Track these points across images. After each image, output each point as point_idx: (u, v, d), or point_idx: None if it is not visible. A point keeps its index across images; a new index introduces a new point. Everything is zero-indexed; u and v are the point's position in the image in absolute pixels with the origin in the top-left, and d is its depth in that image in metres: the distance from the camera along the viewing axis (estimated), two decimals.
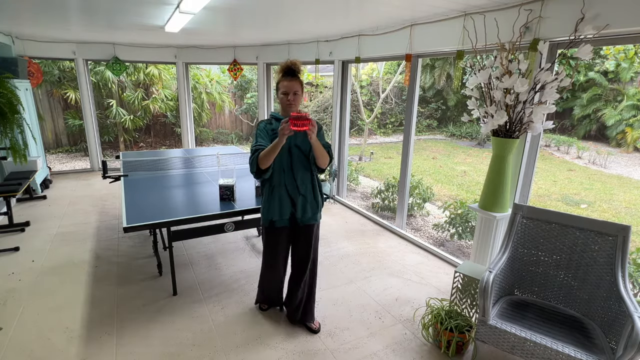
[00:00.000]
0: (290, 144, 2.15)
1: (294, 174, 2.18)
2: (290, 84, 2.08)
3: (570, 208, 6.36)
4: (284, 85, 2.09)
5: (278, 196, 2.19)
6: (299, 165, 2.17)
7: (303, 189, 2.21)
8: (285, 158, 2.16)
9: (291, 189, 2.19)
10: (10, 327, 2.41)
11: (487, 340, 1.97)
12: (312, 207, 2.25)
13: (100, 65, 7.82)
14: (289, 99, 2.09)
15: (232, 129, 10.50)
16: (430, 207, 5.42)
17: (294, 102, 2.11)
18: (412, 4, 2.78)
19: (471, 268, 2.51)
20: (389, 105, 12.81)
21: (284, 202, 2.20)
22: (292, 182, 2.18)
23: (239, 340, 2.34)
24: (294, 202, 2.21)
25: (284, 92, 2.09)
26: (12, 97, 3.57)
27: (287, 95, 2.09)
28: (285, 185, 2.18)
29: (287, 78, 2.09)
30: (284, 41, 5.47)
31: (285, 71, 2.11)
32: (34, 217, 4.24)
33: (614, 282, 1.98)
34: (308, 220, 2.26)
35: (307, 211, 2.24)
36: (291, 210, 2.22)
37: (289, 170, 2.16)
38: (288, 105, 2.11)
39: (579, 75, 10.57)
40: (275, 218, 2.22)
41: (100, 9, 3.21)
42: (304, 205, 2.22)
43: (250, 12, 3.27)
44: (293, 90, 2.09)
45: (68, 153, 8.32)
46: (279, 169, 2.16)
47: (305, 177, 2.21)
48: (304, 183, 2.21)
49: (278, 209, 2.20)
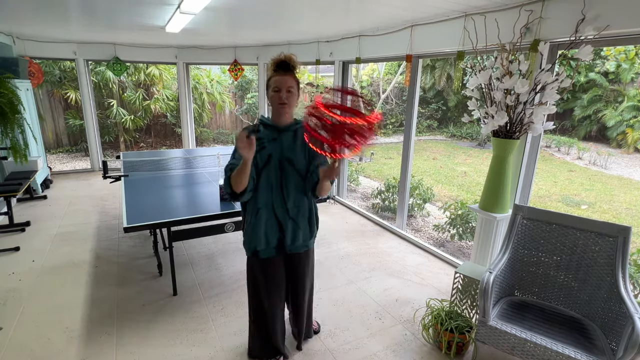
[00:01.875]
0: (281, 157, 1.79)
1: (284, 194, 1.81)
2: (282, 79, 1.70)
3: (570, 209, 6.35)
4: (275, 81, 1.71)
5: (265, 219, 1.81)
6: (291, 184, 1.81)
7: (294, 212, 1.84)
8: (274, 173, 1.79)
9: (280, 212, 1.82)
10: (11, 327, 2.41)
11: (487, 341, 1.97)
12: (305, 233, 1.90)
13: (101, 66, 7.83)
14: (281, 97, 1.71)
15: (233, 129, 10.50)
16: (431, 207, 5.42)
17: (288, 101, 1.73)
18: (413, 4, 2.78)
19: (471, 269, 2.51)
20: (389, 105, 12.82)
21: (271, 227, 1.83)
22: (281, 203, 1.81)
23: (239, 340, 2.34)
24: (282, 228, 1.84)
25: (276, 88, 1.71)
26: (13, 97, 3.57)
27: (280, 92, 1.70)
28: (273, 207, 1.81)
29: (280, 72, 1.73)
30: (285, 42, 5.47)
31: (278, 65, 1.74)
32: (34, 217, 4.24)
33: (614, 283, 1.98)
34: (297, 248, 1.91)
35: (297, 238, 1.88)
36: (279, 236, 1.85)
37: (277, 188, 1.80)
38: (280, 106, 1.73)
39: (580, 76, 10.56)
40: (260, 247, 1.84)
41: (101, 9, 3.21)
42: (294, 230, 1.86)
43: (250, 13, 3.27)
44: (286, 86, 1.70)
45: (68, 153, 8.33)
46: (266, 186, 1.79)
47: (299, 200, 1.85)
48: (296, 206, 1.84)
49: (264, 236, 1.83)
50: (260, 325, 2.03)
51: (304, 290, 2.06)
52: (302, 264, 2.00)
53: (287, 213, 1.83)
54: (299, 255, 1.97)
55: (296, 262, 1.98)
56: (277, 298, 1.98)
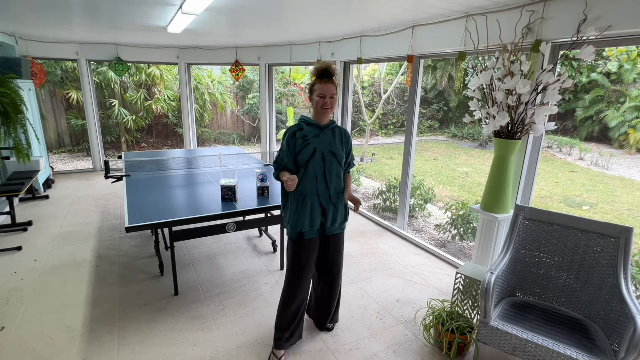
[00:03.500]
0: (325, 151, 2.04)
1: (328, 182, 2.05)
2: (327, 87, 1.96)
3: (572, 210, 6.34)
4: (320, 88, 1.96)
5: (310, 206, 2.04)
6: (333, 172, 2.06)
7: (335, 198, 2.09)
8: (319, 165, 2.02)
9: (324, 199, 2.06)
10: (13, 326, 2.42)
11: (488, 342, 1.97)
12: (342, 216, 2.16)
13: (103, 66, 7.85)
14: (325, 103, 1.97)
15: (234, 129, 10.52)
16: (432, 208, 5.41)
17: (331, 106, 2.00)
18: (415, 5, 2.78)
19: (473, 269, 2.51)
20: (390, 106, 12.81)
21: (316, 212, 2.06)
22: (325, 190, 2.05)
23: (240, 340, 2.34)
24: (325, 212, 2.08)
25: (321, 95, 1.97)
26: (16, 97, 3.58)
27: (324, 99, 1.97)
28: (318, 195, 2.04)
29: (324, 80, 1.97)
30: (286, 42, 5.48)
31: (322, 73, 1.99)
32: (36, 216, 4.26)
33: (616, 284, 1.97)
34: (336, 229, 2.17)
35: (337, 220, 2.14)
36: (322, 220, 2.08)
37: (322, 178, 2.04)
38: (324, 109, 1.99)
39: (582, 76, 10.54)
40: (305, 229, 2.06)
41: (103, 10, 3.22)
42: (334, 214, 2.11)
43: (252, 14, 3.28)
44: (330, 94, 1.97)
45: (71, 153, 8.36)
46: (312, 176, 2.02)
47: (339, 186, 2.10)
48: (337, 192, 2.10)
49: (309, 220, 2.05)
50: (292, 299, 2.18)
51: (339, 268, 2.28)
52: (338, 242, 2.23)
53: (329, 199, 2.09)
54: (335, 236, 2.20)
55: (332, 242, 2.20)
56: (311, 275, 2.21)
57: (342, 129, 2.15)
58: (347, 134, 2.17)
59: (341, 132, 2.13)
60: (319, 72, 1.99)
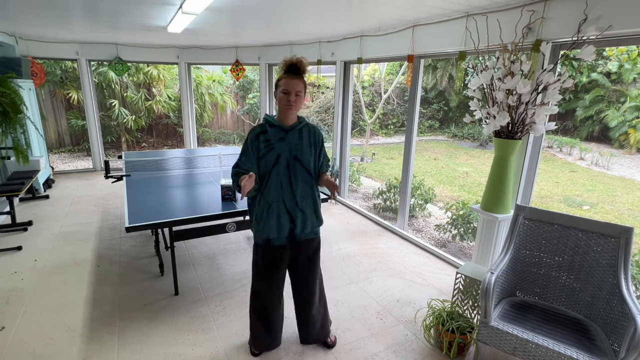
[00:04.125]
0: (289, 156, 1.90)
1: (293, 189, 1.93)
2: (292, 82, 1.81)
3: (572, 209, 6.34)
4: (285, 83, 1.81)
5: (276, 213, 1.92)
6: (299, 179, 1.93)
7: (302, 205, 1.96)
8: (282, 171, 1.90)
9: (290, 205, 1.93)
10: (13, 326, 2.42)
11: (488, 342, 1.97)
12: (312, 222, 2.02)
13: (103, 66, 7.85)
14: (289, 100, 1.82)
15: (234, 129, 10.51)
16: (432, 208, 5.41)
17: (295, 104, 1.84)
18: (415, 4, 2.78)
19: (473, 269, 2.51)
20: (390, 106, 12.81)
21: (282, 219, 1.93)
22: (291, 197, 1.93)
23: (240, 340, 2.34)
24: (293, 219, 1.95)
25: (285, 90, 1.81)
26: (15, 97, 3.58)
27: (288, 95, 1.81)
28: (284, 201, 1.92)
29: (290, 75, 1.82)
30: (286, 42, 5.48)
31: (289, 67, 1.83)
32: (36, 216, 4.26)
33: (616, 284, 1.97)
34: (307, 235, 2.04)
35: (306, 226, 2.00)
36: (290, 226, 1.96)
37: (287, 184, 1.91)
38: (287, 107, 1.84)
39: (582, 76, 10.53)
40: (272, 236, 1.95)
41: (103, 10, 3.22)
42: (303, 221, 1.98)
43: (252, 13, 3.27)
44: (295, 90, 1.81)
45: (71, 153, 8.35)
46: (276, 183, 1.90)
47: (306, 192, 1.97)
48: (304, 198, 1.97)
49: (276, 227, 1.93)
50: (260, 311, 2.11)
51: (314, 278, 2.13)
52: (310, 249, 2.09)
53: (296, 205, 1.95)
54: (306, 242, 2.06)
55: (304, 248, 2.06)
56: (279, 283, 2.09)
57: (312, 127, 1.98)
58: (317, 133, 1.99)
59: (309, 132, 1.96)
60: (286, 66, 1.84)
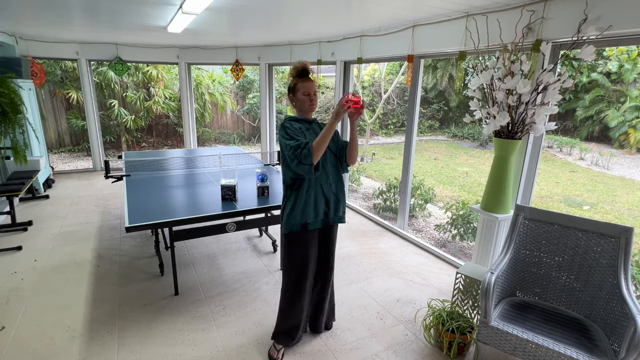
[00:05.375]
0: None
1: (327, 172, 2.12)
2: (310, 85, 2.07)
3: (572, 209, 6.34)
4: (304, 87, 2.06)
5: (314, 195, 2.08)
6: (329, 164, 2.13)
7: (334, 187, 2.15)
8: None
9: (326, 188, 2.12)
10: (13, 326, 2.42)
11: (488, 342, 1.97)
12: (343, 205, 2.21)
13: (103, 66, 7.85)
14: (312, 100, 2.08)
15: (234, 129, 10.52)
16: (432, 208, 5.41)
17: (316, 102, 2.11)
18: (415, 4, 2.78)
19: (473, 269, 2.51)
20: (390, 106, 12.81)
21: (319, 202, 2.10)
22: (326, 180, 2.12)
23: (241, 340, 2.34)
24: (328, 201, 2.12)
25: (306, 92, 2.06)
26: (15, 97, 3.58)
27: (310, 96, 2.07)
28: (321, 184, 2.10)
29: (306, 79, 2.07)
30: (286, 42, 5.48)
31: (302, 72, 2.08)
32: (36, 216, 4.26)
33: (616, 284, 1.97)
34: (339, 219, 2.21)
35: (339, 209, 2.19)
36: (325, 209, 2.12)
37: (322, 168, 2.09)
38: (311, 107, 2.09)
39: (582, 76, 10.53)
40: (310, 220, 2.08)
41: (103, 10, 3.22)
42: (336, 203, 2.16)
43: (252, 13, 3.27)
44: (314, 91, 2.09)
45: (71, 153, 8.36)
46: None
47: (335, 176, 2.17)
48: (335, 181, 2.16)
49: (313, 210, 2.09)
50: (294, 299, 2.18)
51: (332, 256, 2.29)
52: (334, 234, 2.27)
53: (330, 187, 2.13)
54: (333, 227, 2.24)
55: (330, 232, 2.23)
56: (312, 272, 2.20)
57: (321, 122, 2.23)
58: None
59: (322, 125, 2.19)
60: (299, 71, 2.08)
